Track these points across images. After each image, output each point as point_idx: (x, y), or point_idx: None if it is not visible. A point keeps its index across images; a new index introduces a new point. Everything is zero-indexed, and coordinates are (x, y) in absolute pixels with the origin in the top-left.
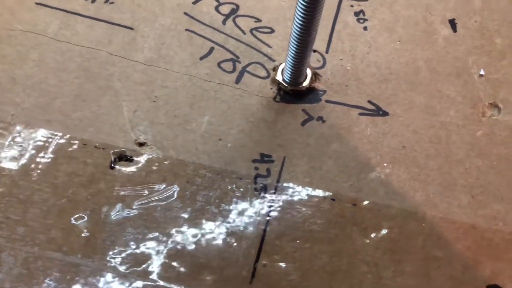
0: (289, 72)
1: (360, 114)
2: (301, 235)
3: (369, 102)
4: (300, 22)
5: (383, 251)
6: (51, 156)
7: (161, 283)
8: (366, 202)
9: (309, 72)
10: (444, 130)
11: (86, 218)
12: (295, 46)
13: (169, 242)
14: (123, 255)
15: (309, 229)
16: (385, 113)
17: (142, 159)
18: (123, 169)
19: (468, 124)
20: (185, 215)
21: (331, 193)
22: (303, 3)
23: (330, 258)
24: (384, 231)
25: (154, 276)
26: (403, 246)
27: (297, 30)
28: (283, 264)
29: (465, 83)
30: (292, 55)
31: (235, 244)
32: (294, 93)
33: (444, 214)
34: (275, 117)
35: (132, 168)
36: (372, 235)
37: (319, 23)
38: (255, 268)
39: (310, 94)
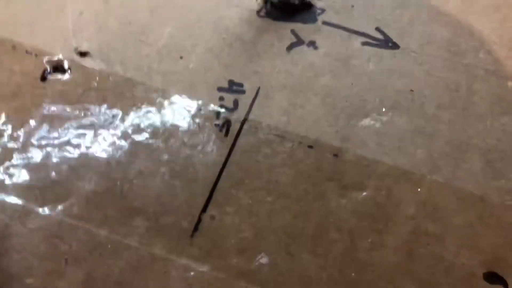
0: None
1: (363, 43)
2: (263, 186)
3: (377, 29)
4: None
5: (362, 216)
6: None
7: (82, 224)
8: (351, 154)
9: None
10: (467, 75)
11: (3, 137)
12: None
13: (98, 177)
14: (41, 185)
15: (274, 180)
16: (395, 46)
17: (81, 72)
18: (56, 82)
19: (499, 71)
20: (124, 145)
21: (310, 138)
22: None
23: (294, 218)
24: (367, 192)
25: (74, 215)
26: (389, 213)
27: None
28: (235, 218)
29: (504, 19)
30: None
31: (179, 188)
32: (285, 8)
33: (448, 179)
34: (256, 36)
35: (68, 82)
36: (352, 196)
37: None
38: (199, 219)
39: (305, 12)
